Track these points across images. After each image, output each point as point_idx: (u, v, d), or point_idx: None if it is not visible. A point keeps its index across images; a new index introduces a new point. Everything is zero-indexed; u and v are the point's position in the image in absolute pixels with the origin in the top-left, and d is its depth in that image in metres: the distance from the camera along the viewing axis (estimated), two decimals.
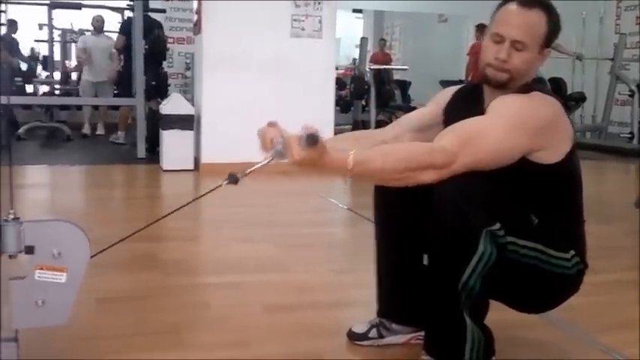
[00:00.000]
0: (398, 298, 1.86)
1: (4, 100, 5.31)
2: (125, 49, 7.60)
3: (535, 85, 1.62)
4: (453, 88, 1.84)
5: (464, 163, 1.43)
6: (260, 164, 1.43)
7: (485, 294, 1.55)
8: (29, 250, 1.52)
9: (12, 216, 1.49)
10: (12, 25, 8.97)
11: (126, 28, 7.58)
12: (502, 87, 1.59)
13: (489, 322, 1.62)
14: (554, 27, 1.58)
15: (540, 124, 1.50)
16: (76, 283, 1.57)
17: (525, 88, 1.58)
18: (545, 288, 1.59)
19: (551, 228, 1.56)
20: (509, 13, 1.56)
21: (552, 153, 1.53)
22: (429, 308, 1.60)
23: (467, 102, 1.72)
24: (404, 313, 1.87)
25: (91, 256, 1.57)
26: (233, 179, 1.44)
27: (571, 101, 8.22)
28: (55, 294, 1.55)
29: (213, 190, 1.52)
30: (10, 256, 1.51)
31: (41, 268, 1.54)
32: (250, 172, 1.44)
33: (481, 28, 8.72)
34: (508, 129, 1.47)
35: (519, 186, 1.53)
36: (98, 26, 8.28)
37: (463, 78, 8.70)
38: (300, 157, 1.33)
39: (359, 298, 2.34)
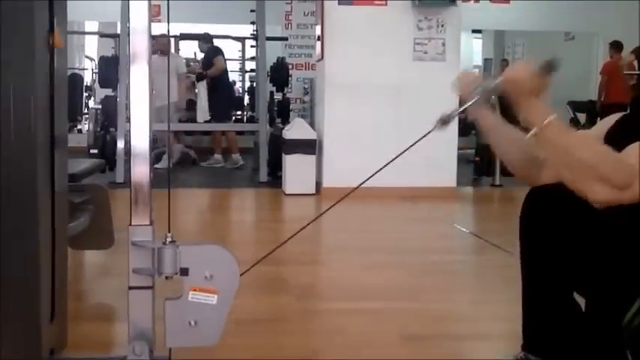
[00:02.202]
0: (546, 333, 1.76)
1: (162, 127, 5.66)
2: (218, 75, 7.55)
3: None
4: (616, 116, 1.73)
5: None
6: (470, 102, 1.54)
7: None
8: (184, 272, 1.57)
9: (169, 239, 1.54)
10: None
11: (210, 53, 7.63)
12: None
13: None
14: None
15: None
16: (226, 305, 1.60)
17: None
18: None
19: None
20: None
21: None
22: (588, 347, 1.51)
23: (632, 130, 1.60)
24: (552, 348, 1.76)
25: None
26: (445, 121, 1.55)
27: None
28: (206, 315, 1.58)
29: (424, 136, 1.61)
30: (167, 277, 1.56)
31: (194, 290, 1.58)
32: (460, 111, 1.55)
33: (615, 46, 8.27)
34: None
35: None
36: (164, 49, 7.78)
37: (594, 99, 8.26)
38: (527, 76, 1.37)
39: (499, 330, 2.24)
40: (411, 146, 1.68)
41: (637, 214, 1.35)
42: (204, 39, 7.80)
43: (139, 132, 1.59)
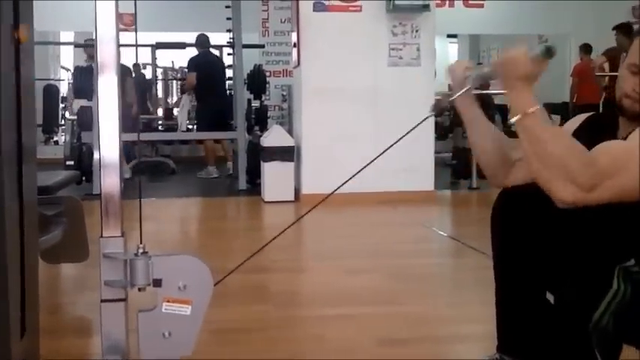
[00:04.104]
0: (520, 333, 1.76)
1: (130, 137, 5.61)
2: (198, 86, 7.45)
3: None
4: (583, 116, 1.75)
5: (604, 193, 1.33)
6: (463, 90, 1.53)
7: (619, 334, 1.46)
8: (157, 283, 1.55)
9: (141, 250, 1.53)
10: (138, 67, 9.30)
11: (194, 64, 7.54)
12: (638, 119, 1.49)
13: None
14: None
15: None
16: (200, 316, 1.58)
17: None
18: None
19: None
20: None
21: None
22: (558, 347, 1.51)
23: (599, 130, 1.62)
24: (526, 349, 1.76)
25: None
26: (437, 109, 1.58)
27: None
28: (180, 326, 1.57)
29: (419, 123, 1.65)
30: (140, 289, 1.54)
31: (168, 301, 1.56)
32: (453, 99, 1.53)
33: (584, 49, 8.37)
34: None
35: None
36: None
37: (567, 100, 8.36)
38: (524, 60, 1.36)
39: (474, 332, 2.24)
40: (396, 142, 1.69)
41: (603, 215, 1.36)
42: (200, 44, 7.60)
43: (108, 142, 1.57)
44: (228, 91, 7.95)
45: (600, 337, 1.41)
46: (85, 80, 6.72)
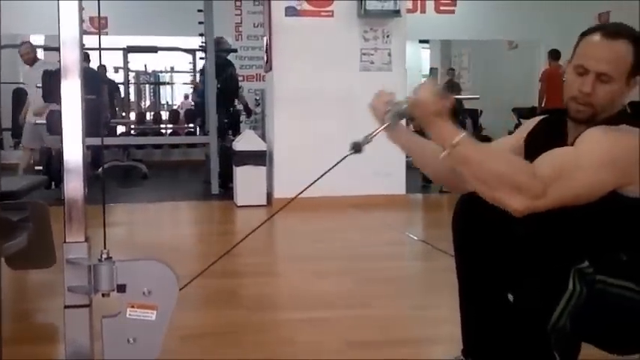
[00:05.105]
0: (483, 336, 1.78)
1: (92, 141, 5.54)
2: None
3: (622, 117, 1.54)
4: (537, 119, 1.78)
5: (553, 198, 1.36)
6: (381, 128, 1.51)
7: (576, 334, 1.49)
8: (121, 288, 1.54)
9: (105, 255, 1.51)
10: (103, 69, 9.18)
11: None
12: (586, 122, 1.53)
13: None
14: None
15: (630, 158, 1.43)
16: (165, 321, 1.57)
17: (613, 121, 1.51)
18: (636, 328, 1.49)
19: None
20: (593, 45, 1.50)
21: None
22: (517, 349, 1.54)
23: (549, 134, 1.66)
24: (490, 352, 1.79)
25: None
26: (356, 148, 1.49)
27: None
28: (145, 331, 1.56)
29: (339, 162, 1.57)
30: (103, 295, 1.53)
31: (132, 306, 1.55)
32: (372, 137, 1.48)
33: (553, 54, 8.52)
34: (599, 165, 1.41)
35: (609, 222, 1.47)
36: (28, 57, 6.87)
37: (536, 105, 8.49)
38: (432, 99, 1.38)
39: (442, 334, 2.27)
40: (330, 170, 1.65)
41: (558, 218, 1.39)
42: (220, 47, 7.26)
43: (72, 147, 1.55)
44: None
45: (558, 338, 1.43)
46: (54, 84, 6.62)
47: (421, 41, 13.50)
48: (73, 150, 1.55)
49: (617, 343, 1.55)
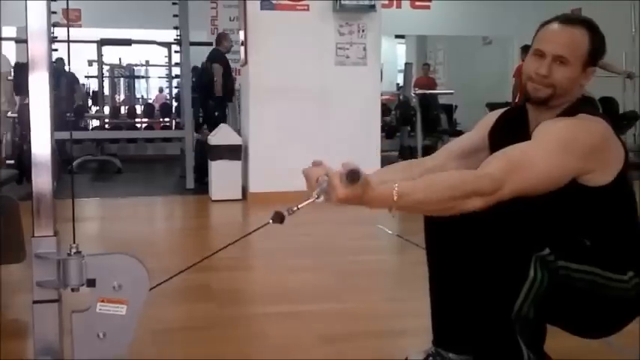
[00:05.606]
0: (453, 326, 1.81)
1: (62, 135, 5.45)
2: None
3: (581, 106, 1.59)
4: (498, 112, 1.82)
5: (510, 189, 1.40)
6: (305, 203, 1.40)
7: (541, 321, 1.53)
8: (91, 283, 1.53)
9: (74, 250, 1.51)
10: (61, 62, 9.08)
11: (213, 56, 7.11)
12: (544, 103, 1.57)
13: (548, 349, 1.59)
14: (598, 45, 1.56)
15: (588, 146, 1.48)
16: (135, 316, 1.57)
17: (571, 110, 1.55)
18: (602, 311, 1.54)
19: (606, 250, 1.52)
20: (550, 31, 1.57)
21: (602, 175, 1.50)
22: (483, 337, 1.57)
23: (512, 126, 1.70)
24: (460, 341, 1.82)
25: (150, 289, 1.57)
26: (278, 218, 1.42)
27: (623, 120, 8.00)
28: (115, 326, 1.55)
29: (259, 228, 1.52)
30: (73, 289, 1.52)
31: (102, 301, 1.55)
32: (295, 210, 1.41)
33: (526, 50, 8.61)
34: (555, 154, 1.44)
35: (570, 209, 1.50)
36: None
37: (510, 100, 8.57)
38: (344, 195, 1.30)
39: (414, 326, 2.29)
40: (247, 235, 1.63)
41: (519, 207, 1.42)
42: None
43: (39, 140, 1.54)
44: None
45: (523, 325, 1.46)
46: (25, 77, 6.50)
47: (397, 36, 13.56)
48: (41, 143, 1.54)
49: (584, 327, 1.59)
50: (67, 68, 8.31)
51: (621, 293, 1.51)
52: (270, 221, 1.45)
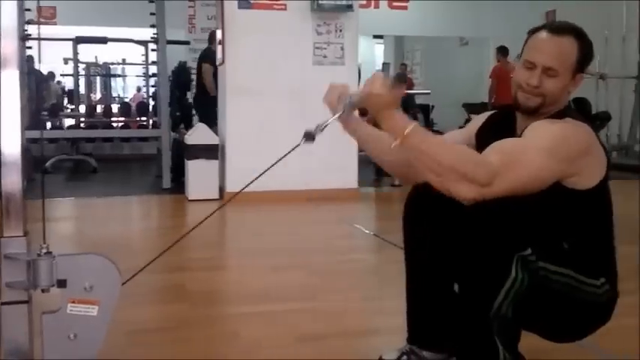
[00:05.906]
0: (428, 324, 1.83)
1: (34, 134, 5.38)
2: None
3: (568, 111, 1.60)
4: (487, 113, 1.84)
5: (501, 187, 1.41)
6: (333, 117, 1.55)
7: (518, 321, 1.54)
8: (61, 283, 1.51)
9: (45, 250, 1.49)
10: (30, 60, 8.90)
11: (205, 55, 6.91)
12: (533, 112, 1.59)
13: (522, 349, 1.60)
14: (586, 53, 1.58)
15: (575, 151, 1.50)
16: (107, 316, 1.56)
17: (558, 115, 1.57)
18: (575, 315, 1.56)
19: (583, 254, 1.54)
20: (540, 40, 1.57)
21: (586, 179, 1.52)
22: (461, 335, 1.58)
23: (499, 127, 1.71)
24: (434, 339, 1.83)
25: (122, 283, 1.56)
26: (310, 137, 1.52)
27: (596, 121, 8.12)
28: (87, 327, 1.54)
29: (291, 150, 1.61)
30: (43, 290, 1.50)
31: (73, 302, 1.53)
32: (325, 126, 1.52)
33: (501, 51, 8.70)
34: (546, 155, 1.46)
35: (551, 211, 1.52)
36: None
37: (486, 100, 8.65)
38: (384, 90, 1.43)
39: (389, 325, 2.29)
40: (281, 159, 1.68)
41: (502, 207, 1.43)
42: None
43: (9, 139, 1.52)
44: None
45: (500, 324, 1.47)
46: None
47: (375, 36, 13.62)
48: (10, 142, 1.52)
49: (557, 330, 1.61)
50: (37, 66, 8.17)
51: (593, 298, 1.53)
52: (302, 142, 1.55)
